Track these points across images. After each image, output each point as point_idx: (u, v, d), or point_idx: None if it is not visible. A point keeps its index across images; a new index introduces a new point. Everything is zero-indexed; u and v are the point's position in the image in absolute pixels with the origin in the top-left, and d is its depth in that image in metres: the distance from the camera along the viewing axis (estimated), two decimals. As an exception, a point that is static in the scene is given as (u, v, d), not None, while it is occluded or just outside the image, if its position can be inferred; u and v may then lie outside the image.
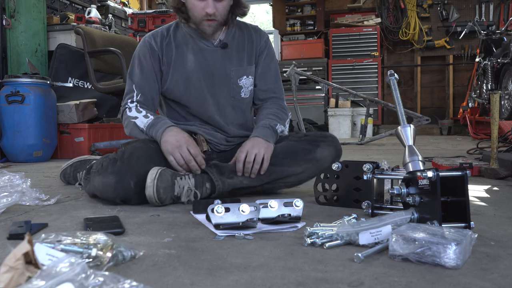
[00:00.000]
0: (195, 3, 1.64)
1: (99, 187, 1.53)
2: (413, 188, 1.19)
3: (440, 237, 0.91)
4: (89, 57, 3.02)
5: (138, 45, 1.80)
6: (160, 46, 1.75)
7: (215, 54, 1.76)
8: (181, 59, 1.75)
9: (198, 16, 1.65)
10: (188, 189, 1.52)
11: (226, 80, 1.77)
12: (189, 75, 1.74)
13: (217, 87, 1.77)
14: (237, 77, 1.78)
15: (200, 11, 1.63)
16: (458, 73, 7.51)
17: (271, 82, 1.85)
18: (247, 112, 1.87)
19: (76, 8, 5.06)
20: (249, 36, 1.82)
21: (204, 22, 1.66)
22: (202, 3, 1.63)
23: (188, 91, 1.75)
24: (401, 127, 1.40)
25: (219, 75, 1.76)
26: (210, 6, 1.62)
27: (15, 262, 0.65)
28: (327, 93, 6.96)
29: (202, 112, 1.78)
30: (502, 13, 7.23)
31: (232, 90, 1.79)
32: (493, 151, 2.24)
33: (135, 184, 1.50)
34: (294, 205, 1.27)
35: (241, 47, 1.80)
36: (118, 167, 1.51)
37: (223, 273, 0.87)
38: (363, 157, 3.32)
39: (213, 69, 1.76)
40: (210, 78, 1.76)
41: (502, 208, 1.48)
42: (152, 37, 1.76)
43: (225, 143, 1.80)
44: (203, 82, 1.75)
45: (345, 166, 1.50)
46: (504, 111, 4.90)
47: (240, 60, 1.79)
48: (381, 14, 7.60)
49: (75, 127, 3.55)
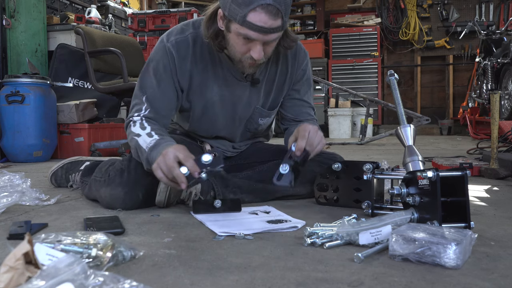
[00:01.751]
0: (238, 42, 1.35)
1: (106, 198, 1.49)
2: (413, 188, 1.19)
3: (440, 237, 0.91)
4: (89, 57, 3.02)
5: (156, 49, 1.51)
6: (182, 61, 1.49)
7: (243, 90, 1.56)
8: (203, 85, 1.53)
9: (238, 56, 1.39)
10: (194, 194, 1.52)
11: (246, 117, 1.64)
12: (208, 107, 1.56)
13: (236, 122, 1.64)
14: (258, 117, 1.64)
15: (243, 52, 1.37)
16: (458, 73, 7.52)
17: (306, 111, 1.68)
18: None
19: (76, 8, 5.06)
20: (284, 67, 1.60)
21: (244, 62, 1.40)
22: (247, 45, 1.34)
23: (201, 119, 1.61)
24: (401, 127, 1.40)
25: (240, 113, 1.61)
26: (257, 52, 1.33)
27: (15, 262, 0.65)
28: (327, 93, 6.96)
29: (210, 134, 1.67)
30: (502, 13, 7.23)
31: (249, 125, 1.67)
32: (493, 151, 2.24)
33: (143, 195, 1.47)
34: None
35: (271, 81, 1.60)
36: (126, 178, 1.46)
37: (223, 273, 0.87)
38: (363, 157, 3.32)
39: (236, 107, 1.59)
40: (230, 114, 1.60)
41: (502, 208, 1.48)
42: (176, 46, 1.48)
43: (232, 150, 1.76)
44: (221, 117, 1.60)
45: (345, 166, 1.50)
46: (504, 111, 4.90)
47: (266, 100, 1.62)
48: (381, 14, 7.60)
49: (75, 127, 3.55)
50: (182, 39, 1.49)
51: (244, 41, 1.33)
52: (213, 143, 1.72)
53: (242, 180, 1.60)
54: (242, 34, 1.31)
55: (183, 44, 1.48)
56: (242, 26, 1.29)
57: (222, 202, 1.42)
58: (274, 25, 1.29)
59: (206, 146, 1.72)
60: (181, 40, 1.49)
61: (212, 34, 1.41)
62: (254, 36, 1.30)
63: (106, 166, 1.59)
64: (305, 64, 1.64)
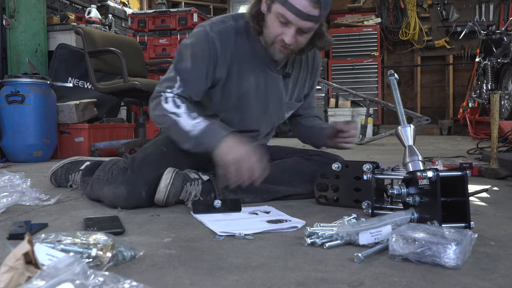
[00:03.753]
0: (274, 24, 1.43)
1: (109, 197, 1.49)
2: (413, 188, 1.19)
3: (440, 237, 0.91)
4: (89, 57, 3.02)
5: (197, 35, 1.53)
6: (224, 50, 1.52)
7: (276, 82, 1.64)
8: (240, 76, 1.58)
9: (271, 38, 1.47)
10: (194, 195, 1.52)
11: (276, 110, 1.70)
12: (243, 96, 1.60)
13: (266, 114, 1.68)
14: (287, 110, 1.74)
15: (277, 34, 1.44)
16: (458, 73, 7.52)
17: (312, 101, 1.88)
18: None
19: (76, 8, 5.06)
20: (308, 64, 1.72)
21: (276, 45, 1.47)
22: (282, 28, 1.43)
23: (235, 109, 1.62)
24: (401, 127, 1.40)
25: (272, 104, 1.66)
26: (289, 35, 1.42)
27: (15, 262, 0.65)
28: (327, 93, 6.96)
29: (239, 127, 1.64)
30: (502, 13, 7.23)
31: (276, 118, 1.74)
32: (493, 151, 2.24)
33: (146, 193, 1.47)
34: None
35: (297, 77, 1.70)
36: (129, 176, 1.47)
37: (223, 273, 0.87)
38: (363, 157, 3.32)
39: (269, 98, 1.64)
40: (262, 104, 1.64)
41: (502, 208, 1.48)
42: (219, 36, 1.52)
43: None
44: (254, 106, 1.63)
45: (345, 166, 1.50)
46: (504, 111, 4.90)
47: (292, 93, 1.71)
48: (381, 14, 7.60)
49: (75, 127, 3.55)
50: (225, 29, 1.54)
51: (281, 24, 1.42)
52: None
53: None
54: (281, 14, 1.40)
55: (226, 35, 1.53)
56: (283, 6, 1.39)
57: (222, 202, 1.42)
58: (312, 13, 1.39)
59: None
60: (224, 31, 1.54)
61: (254, 12, 1.49)
62: (291, 18, 1.39)
63: (109, 165, 1.60)
64: (320, 64, 1.80)
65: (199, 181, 1.53)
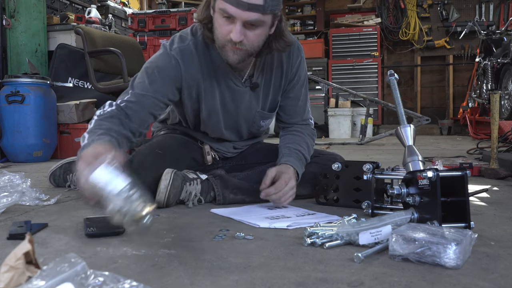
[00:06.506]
0: (220, 23, 1.34)
1: None
2: (413, 188, 1.19)
3: (440, 237, 0.91)
4: (89, 57, 3.02)
5: (158, 56, 1.50)
6: (189, 67, 1.48)
7: (243, 96, 1.58)
8: (207, 92, 1.54)
9: (221, 39, 1.36)
10: (194, 195, 1.52)
11: (248, 121, 1.66)
12: (210, 113, 1.58)
13: (237, 124, 1.66)
14: (260, 119, 1.67)
15: (224, 34, 1.34)
16: (458, 73, 7.52)
17: (300, 111, 1.70)
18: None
19: (76, 8, 5.06)
20: (279, 66, 1.59)
21: (227, 47, 1.36)
22: (228, 26, 1.32)
23: (208, 123, 1.62)
24: (401, 127, 1.40)
25: (242, 117, 1.63)
26: (236, 32, 1.30)
27: (15, 262, 0.65)
28: (327, 93, 6.96)
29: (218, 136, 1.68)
30: (502, 13, 7.23)
31: (251, 127, 1.69)
32: (493, 151, 2.24)
33: None
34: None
35: (269, 83, 1.60)
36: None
37: (223, 273, 0.87)
38: (363, 157, 3.32)
39: (238, 111, 1.60)
40: (232, 118, 1.62)
41: (502, 208, 1.48)
42: (181, 54, 1.47)
43: (232, 150, 1.76)
44: (224, 122, 1.62)
45: (345, 166, 1.50)
46: (504, 111, 4.90)
47: (265, 102, 1.63)
48: (381, 14, 7.60)
49: (75, 127, 3.55)
50: (185, 47, 1.48)
51: (226, 21, 1.32)
52: (214, 144, 1.72)
53: (242, 181, 1.60)
54: (222, 10, 1.30)
55: (187, 52, 1.48)
56: (223, 1, 1.29)
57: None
58: (253, 1, 1.27)
59: (206, 147, 1.72)
60: (184, 48, 1.48)
61: (202, 18, 1.41)
62: (232, 11, 1.28)
63: None
64: (298, 62, 1.62)
65: (197, 180, 1.54)
